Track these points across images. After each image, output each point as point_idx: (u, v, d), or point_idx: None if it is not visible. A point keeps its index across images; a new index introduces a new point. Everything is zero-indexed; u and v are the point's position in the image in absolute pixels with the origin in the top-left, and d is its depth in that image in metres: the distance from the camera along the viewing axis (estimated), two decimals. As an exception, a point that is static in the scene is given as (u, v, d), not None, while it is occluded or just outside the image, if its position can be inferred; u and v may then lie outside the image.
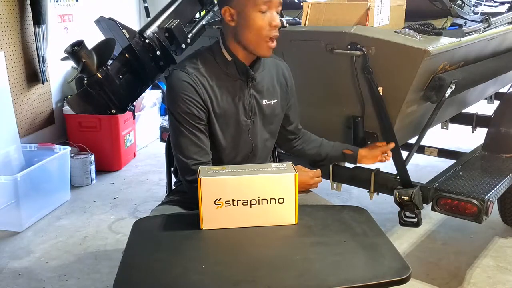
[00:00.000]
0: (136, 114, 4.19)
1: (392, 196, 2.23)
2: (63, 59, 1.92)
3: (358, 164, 2.19)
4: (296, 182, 1.49)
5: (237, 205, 1.48)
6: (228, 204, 1.48)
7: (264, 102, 1.82)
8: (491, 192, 2.18)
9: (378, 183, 2.34)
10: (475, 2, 3.24)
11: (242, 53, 1.73)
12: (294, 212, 1.52)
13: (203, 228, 1.50)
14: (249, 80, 1.76)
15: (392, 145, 2.10)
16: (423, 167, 3.72)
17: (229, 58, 1.74)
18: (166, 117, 1.80)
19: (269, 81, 1.84)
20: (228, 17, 1.70)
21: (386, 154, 2.11)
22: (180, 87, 1.69)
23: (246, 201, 1.48)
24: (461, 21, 2.77)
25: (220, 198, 1.47)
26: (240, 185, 1.48)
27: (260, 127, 1.83)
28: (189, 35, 2.10)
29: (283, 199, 1.50)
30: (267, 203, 1.49)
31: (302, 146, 2.05)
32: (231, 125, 1.77)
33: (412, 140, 2.42)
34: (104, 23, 2.07)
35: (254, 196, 1.48)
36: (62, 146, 3.46)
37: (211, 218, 1.49)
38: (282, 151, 2.23)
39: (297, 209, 1.53)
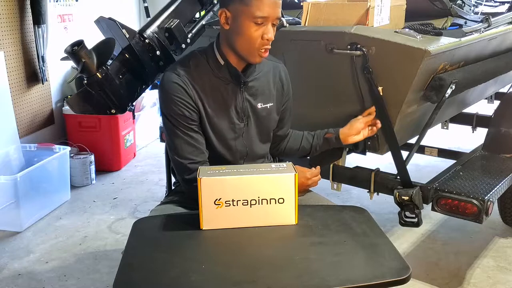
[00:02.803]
0: (136, 114, 4.19)
1: (392, 196, 2.23)
2: (63, 59, 1.92)
3: (359, 164, 2.18)
4: (296, 182, 1.49)
5: (237, 205, 1.48)
6: (228, 204, 1.48)
7: (259, 105, 1.81)
8: (491, 192, 2.18)
9: (378, 183, 2.34)
10: (475, 2, 3.24)
11: (234, 58, 1.72)
12: (294, 212, 1.52)
13: (203, 228, 1.50)
14: (242, 84, 1.75)
15: (373, 109, 2.02)
16: (423, 167, 3.72)
17: (222, 62, 1.73)
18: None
19: (265, 84, 1.82)
20: (223, 19, 1.70)
21: (373, 125, 2.02)
22: (171, 89, 1.70)
23: (246, 201, 1.48)
24: (461, 21, 2.77)
25: (220, 198, 1.47)
26: (240, 185, 1.48)
27: (254, 131, 1.82)
28: (189, 35, 2.10)
29: (283, 199, 1.50)
30: (267, 203, 1.49)
31: (287, 145, 2.02)
32: (224, 128, 1.76)
33: (412, 140, 2.42)
34: (104, 23, 2.07)
35: (254, 196, 1.48)
36: (61, 146, 3.46)
37: (211, 218, 1.49)
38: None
39: (297, 209, 1.52)
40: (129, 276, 1.35)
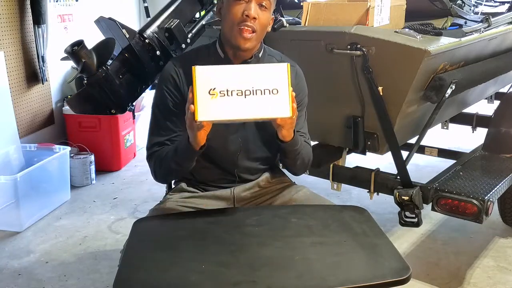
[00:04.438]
0: (136, 114, 4.18)
1: (392, 196, 2.23)
2: (63, 59, 1.92)
3: (359, 164, 2.18)
4: (289, 72, 1.48)
5: (232, 95, 1.46)
6: (223, 95, 1.45)
7: None
8: (491, 192, 2.18)
9: (378, 183, 2.34)
10: (475, 2, 3.24)
11: (230, 51, 1.73)
12: (289, 104, 1.49)
13: (198, 120, 1.46)
14: None
15: None
16: (423, 167, 3.71)
17: (222, 56, 1.74)
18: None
19: None
20: (218, 11, 1.74)
21: None
22: (164, 78, 1.75)
23: (241, 92, 1.46)
24: (461, 21, 2.77)
25: (215, 88, 1.45)
26: (234, 74, 1.47)
27: (253, 129, 1.79)
28: (189, 35, 2.11)
29: (277, 90, 1.47)
30: (262, 94, 1.47)
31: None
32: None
33: (412, 140, 2.42)
34: (104, 23, 2.07)
35: (248, 87, 1.46)
36: (62, 146, 3.45)
37: (206, 109, 1.45)
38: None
39: (292, 102, 1.49)
40: (129, 276, 1.35)
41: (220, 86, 1.45)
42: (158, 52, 1.98)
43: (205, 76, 1.45)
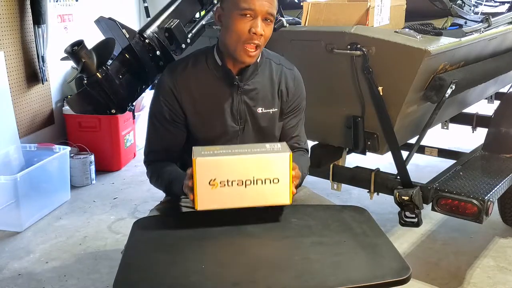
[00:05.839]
0: (136, 114, 4.18)
1: (392, 196, 2.23)
2: (63, 59, 1.91)
3: (359, 164, 2.18)
4: (291, 161, 1.47)
5: (232, 185, 1.46)
6: (223, 185, 1.46)
7: (259, 110, 1.76)
8: (491, 192, 2.18)
9: (378, 183, 2.34)
10: (475, 2, 3.24)
11: (229, 59, 1.70)
12: (289, 192, 1.49)
13: (198, 209, 1.47)
14: (237, 87, 1.72)
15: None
16: (423, 167, 3.71)
17: (220, 63, 1.72)
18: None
19: (269, 88, 1.77)
20: (217, 17, 1.71)
21: None
22: (160, 89, 1.74)
23: (241, 182, 1.46)
24: (461, 21, 2.78)
25: (215, 179, 1.45)
26: (235, 166, 1.46)
27: (252, 135, 1.78)
28: (189, 35, 2.10)
29: (277, 179, 1.47)
30: (262, 183, 1.47)
31: None
32: (217, 129, 1.75)
33: (412, 140, 2.42)
34: (104, 23, 2.07)
35: (249, 177, 1.46)
36: (61, 146, 3.45)
37: (206, 198, 1.47)
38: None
39: (291, 189, 1.50)
40: (129, 276, 1.35)
41: (220, 177, 1.46)
42: (158, 52, 1.97)
43: (205, 168, 1.45)
